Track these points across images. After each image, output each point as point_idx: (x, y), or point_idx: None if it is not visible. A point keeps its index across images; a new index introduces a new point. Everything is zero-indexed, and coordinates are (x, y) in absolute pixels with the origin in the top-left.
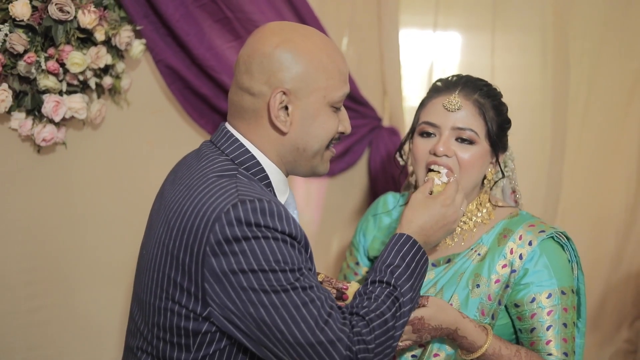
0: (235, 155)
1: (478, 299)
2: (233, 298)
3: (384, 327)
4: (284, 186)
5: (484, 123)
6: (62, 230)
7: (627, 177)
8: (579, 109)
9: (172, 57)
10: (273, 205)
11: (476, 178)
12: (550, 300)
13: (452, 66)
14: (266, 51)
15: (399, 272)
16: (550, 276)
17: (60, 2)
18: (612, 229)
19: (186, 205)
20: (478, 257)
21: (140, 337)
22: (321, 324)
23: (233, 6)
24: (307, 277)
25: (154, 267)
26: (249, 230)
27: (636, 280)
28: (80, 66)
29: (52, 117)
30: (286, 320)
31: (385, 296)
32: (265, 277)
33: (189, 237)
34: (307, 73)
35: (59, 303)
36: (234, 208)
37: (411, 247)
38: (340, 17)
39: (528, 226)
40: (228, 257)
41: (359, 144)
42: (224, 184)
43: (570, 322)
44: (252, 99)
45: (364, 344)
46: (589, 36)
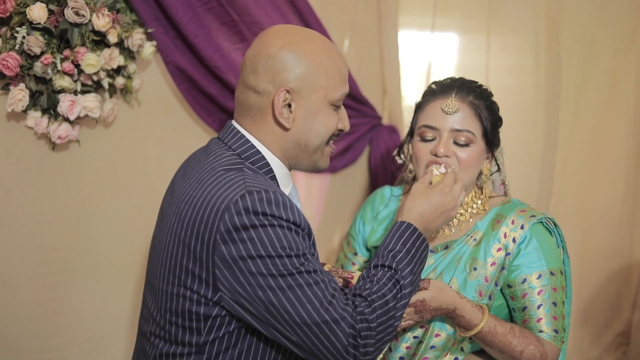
0: (241, 150)
1: (475, 281)
2: (242, 283)
3: (385, 307)
4: (287, 179)
5: (480, 123)
6: (75, 224)
7: (616, 172)
8: (571, 107)
9: (181, 59)
10: (278, 195)
11: (474, 174)
12: (540, 280)
13: (449, 67)
14: (271, 52)
15: (400, 256)
16: (540, 258)
17: (76, 6)
18: (603, 223)
19: (197, 196)
20: (474, 242)
21: (154, 323)
22: (325, 304)
23: (239, 9)
24: (311, 262)
25: (167, 256)
26: (257, 219)
27: (627, 273)
28: (95, 67)
29: (68, 116)
30: (292, 301)
31: (386, 279)
32: (272, 262)
33: (200, 226)
34: (310, 73)
35: (72, 294)
36: (242, 198)
37: (412, 233)
38: (342, 20)
39: (519, 211)
40: (237, 244)
41: (359, 142)
42: (232, 176)
43: (559, 301)
44: (258, 97)
45: (367, 322)
46: (580, 37)
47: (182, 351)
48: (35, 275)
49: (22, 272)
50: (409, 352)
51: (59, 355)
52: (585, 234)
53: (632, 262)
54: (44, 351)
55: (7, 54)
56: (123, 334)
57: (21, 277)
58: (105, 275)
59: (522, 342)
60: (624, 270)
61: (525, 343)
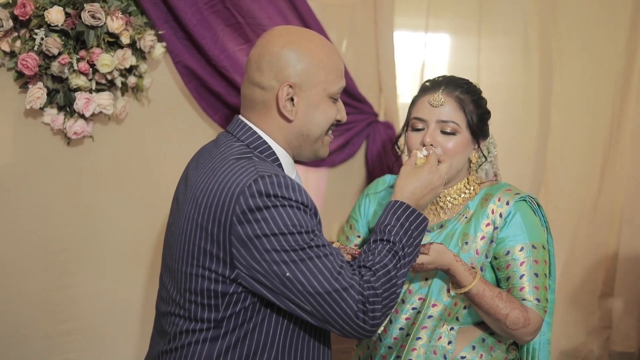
0: (249, 141)
1: (467, 254)
2: (258, 259)
3: (388, 275)
4: (291, 168)
5: (464, 115)
6: (90, 214)
7: (602, 168)
8: (561, 105)
9: (189, 58)
10: (287, 179)
11: (460, 162)
12: (523, 252)
13: (442, 66)
14: (274, 51)
15: (395, 230)
16: (522, 232)
17: (92, 9)
18: (589, 216)
19: (211, 184)
20: (465, 220)
21: (173, 303)
22: (335, 274)
23: (244, 12)
24: (319, 237)
25: (185, 240)
26: (269, 201)
27: (611, 263)
28: (109, 67)
29: (83, 113)
30: (305, 273)
31: (386, 251)
32: (285, 239)
33: (216, 210)
34: (310, 69)
35: (87, 280)
36: (255, 182)
37: (405, 210)
38: (341, 22)
39: (505, 190)
40: (252, 224)
41: (357, 137)
42: (243, 164)
43: (541, 273)
44: (263, 92)
45: (373, 289)
46: (570, 38)
47: (201, 327)
48: (47, 264)
49: (36, 261)
50: (408, 323)
51: (68, 340)
52: (572, 226)
53: (610, 250)
54: (52, 337)
55: (26, 55)
56: (132, 321)
57: (34, 266)
58: (115, 264)
59: (508, 305)
60: (603, 259)
61: (510, 307)
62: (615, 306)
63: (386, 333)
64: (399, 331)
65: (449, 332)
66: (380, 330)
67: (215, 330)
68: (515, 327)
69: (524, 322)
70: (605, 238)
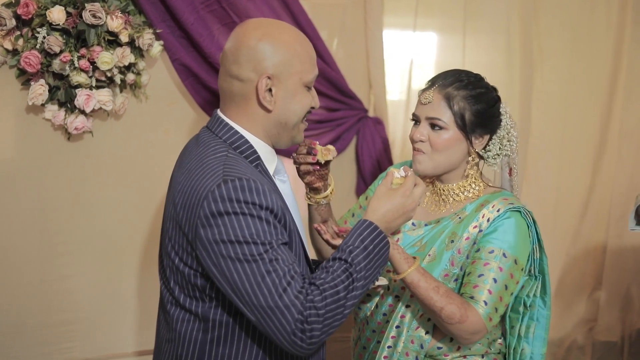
0: (227, 137)
1: (450, 251)
2: (215, 263)
3: (336, 297)
4: (271, 156)
5: (450, 112)
6: (90, 207)
7: (583, 163)
8: (542, 103)
9: (186, 56)
10: (251, 182)
11: (449, 158)
12: (492, 255)
13: (429, 63)
14: (251, 44)
15: (356, 252)
16: (501, 237)
17: (93, 9)
18: (571, 209)
19: (186, 186)
20: (458, 220)
21: (168, 294)
22: (280, 290)
23: (239, 11)
24: (275, 251)
25: (170, 237)
26: (230, 206)
27: (593, 254)
28: (109, 64)
29: (84, 109)
30: (252, 284)
31: (341, 271)
32: (240, 247)
33: (187, 212)
34: (286, 60)
35: (86, 272)
36: (218, 187)
37: (372, 232)
38: (331, 21)
39: (503, 199)
40: (213, 228)
41: (347, 133)
42: (213, 166)
43: (501, 281)
44: (241, 85)
45: (315, 309)
46: (551, 36)
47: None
48: (47, 256)
49: (36, 253)
50: (390, 310)
51: (67, 330)
52: (555, 219)
53: (597, 243)
54: (52, 327)
55: (29, 53)
56: (128, 311)
57: (35, 258)
58: (113, 256)
59: (444, 300)
60: (590, 253)
61: (447, 302)
62: (601, 299)
63: (372, 317)
64: (382, 317)
65: (427, 323)
66: (367, 314)
67: (205, 323)
68: (450, 322)
69: (460, 319)
70: (594, 233)
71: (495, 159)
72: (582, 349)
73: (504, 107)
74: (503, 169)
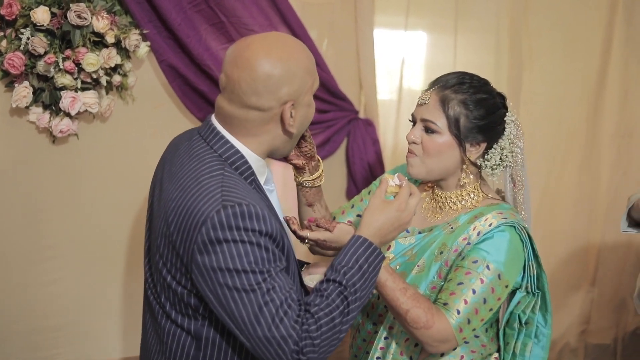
0: (222, 151)
1: (439, 263)
2: (212, 290)
3: (331, 324)
4: (263, 169)
5: (444, 116)
6: (75, 212)
7: (573, 162)
8: (530, 103)
9: (174, 57)
10: (251, 207)
11: (441, 163)
12: (475, 265)
13: (420, 63)
14: (267, 72)
15: (351, 273)
16: (486, 249)
17: (78, 9)
18: (561, 209)
19: (181, 206)
20: (450, 230)
21: (158, 307)
22: (277, 321)
23: (227, 12)
24: (273, 279)
25: (162, 254)
26: (230, 234)
27: (586, 256)
28: (95, 66)
29: (69, 111)
30: (249, 314)
31: (335, 295)
32: (238, 276)
33: (183, 234)
34: (302, 81)
35: (72, 277)
36: (217, 213)
37: (366, 249)
38: (321, 20)
39: (497, 213)
40: (211, 255)
41: (338, 134)
42: (211, 187)
43: (480, 294)
44: (261, 114)
45: (310, 339)
46: (540, 37)
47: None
48: (33, 261)
49: (21, 258)
50: (380, 319)
51: (54, 336)
52: (545, 219)
53: (588, 245)
54: (39, 333)
55: (12, 54)
56: (115, 316)
57: (20, 263)
58: (98, 261)
59: (410, 302)
60: (581, 253)
61: (413, 304)
62: (594, 301)
63: (363, 326)
64: (372, 326)
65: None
66: (359, 321)
67: (198, 341)
68: (415, 326)
69: (425, 324)
70: (586, 233)
71: (494, 170)
72: (574, 351)
73: (510, 115)
74: (508, 181)
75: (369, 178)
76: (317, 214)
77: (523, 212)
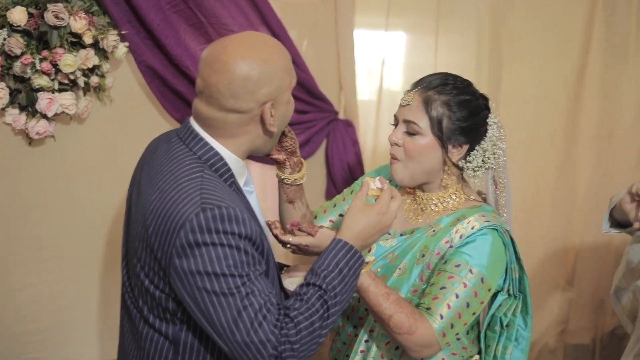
0: (201, 153)
1: (421, 266)
2: (190, 294)
3: (310, 328)
4: (242, 170)
5: (427, 117)
6: (52, 214)
7: (549, 164)
8: (509, 103)
9: (152, 58)
10: (230, 210)
11: (423, 165)
12: (457, 269)
13: (401, 64)
14: (245, 74)
15: (331, 277)
16: (469, 252)
17: (56, 9)
18: (540, 210)
19: (159, 208)
20: (432, 233)
21: (136, 311)
22: (255, 325)
23: (206, 12)
24: (252, 283)
25: (139, 258)
26: (209, 237)
27: (565, 256)
28: (72, 67)
29: (46, 113)
30: (228, 319)
31: (315, 299)
32: (217, 280)
33: (161, 238)
34: (280, 80)
35: (49, 280)
36: (196, 216)
37: (347, 252)
38: (301, 21)
39: (479, 215)
40: (189, 259)
41: (317, 135)
42: (190, 189)
43: (463, 298)
44: (241, 116)
45: (290, 344)
46: (520, 38)
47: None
48: (10, 265)
49: (2, 261)
50: (360, 322)
51: (33, 340)
52: (524, 220)
53: (567, 245)
54: (18, 337)
55: None
56: (92, 319)
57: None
58: (74, 263)
59: (393, 307)
60: (559, 254)
61: (396, 310)
62: (572, 301)
63: (343, 329)
64: (353, 329)
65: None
66: (340, 324)
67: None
68: (398, 332)
69: (408, 329)
70: (565, 234)
71: (476, 171)
72: (553, 352)
73: (493, 117)
74: (490, 183)
75: (349, 179)
76: (297, 212)
77: (505, 214)
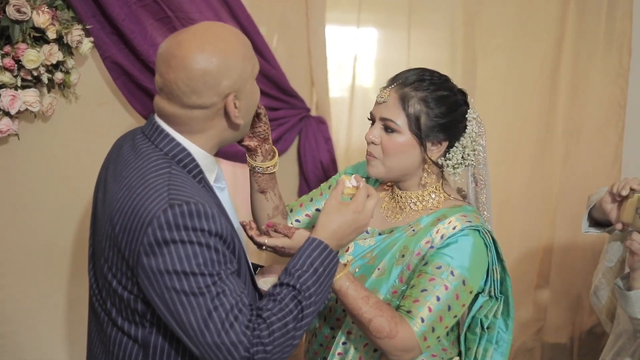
0: (168, 149)
1: (400, 267)
2: (158, 294)
3: (284, 329)
4: (212, 166)
5: (404, 114)
6: (16, 214)
7: (526, 160)
8: (484, 100)
9: (118, 54)
10: (200, 206)
11: (401, 163)
12: (438, 271)
13: (373, 60)
14: (203, 68)
15: (306, 277)
16: (450, 254)
17: (17, 3)
18: (514, 208)
19: (126, 205)
20: (412, 232)
21: (104, 314)
22: (227, 326)
23: (173, 6)
24: (223, 282)
25: (107, 258)
26: (177, 234)
27: (540, 253)
28: (35, 63)
29: (9, 110)
30: (198, 320)
31: (289, 299)
32: (186, 279)
33: (129, 235)
34: (240, 69)
35: (14, 283)
36: (164, 213)
37: (321, 251)
38: (272, 16)
39: (461, 215)
40: (157, 257)
41: (289, 133)
42: (158, 186)
43: (445, 300)
44: (205, 111)
45: (262, 345)
46: (494, 33)
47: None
48: None
49: None
50: (338, 324)
51: None
52: (498, 217)
53: (542, 242)
54: None
55: None
56: (59, 323)
57: None
58: (41, 265)
59: (373, 311)
60: (534, 251)
61: (376, 313)
62: (548, 299)
63: (320, 330)
64: (330, 330)
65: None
66: (316, 325)
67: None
68: (379, 336)
69: (389, 333)
70: (539, 231)
71: (456, 169)
72: (531, 351)
73: (472, 112)
74: (470, 180)
75: (322, 177)
76: (269, 202)
77: (485, 212)
